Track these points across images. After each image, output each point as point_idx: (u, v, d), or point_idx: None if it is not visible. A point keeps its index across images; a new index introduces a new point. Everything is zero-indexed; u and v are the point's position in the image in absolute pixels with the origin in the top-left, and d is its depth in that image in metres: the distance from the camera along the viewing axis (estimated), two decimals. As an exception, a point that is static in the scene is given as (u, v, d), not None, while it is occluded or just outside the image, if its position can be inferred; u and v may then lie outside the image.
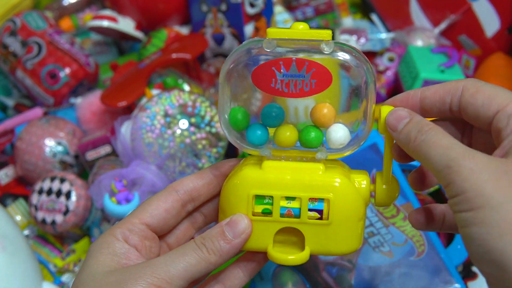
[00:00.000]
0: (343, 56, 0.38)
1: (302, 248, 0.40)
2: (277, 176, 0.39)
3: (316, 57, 0.38)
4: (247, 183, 0.39)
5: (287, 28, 0.39)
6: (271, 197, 0.39)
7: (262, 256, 0.43)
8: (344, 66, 0.39)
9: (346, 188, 0.39)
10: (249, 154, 0.42)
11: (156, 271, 0.37)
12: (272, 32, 0.38)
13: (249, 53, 0.39)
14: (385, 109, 0.39)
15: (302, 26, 0.39)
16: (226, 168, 0.43)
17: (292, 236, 0.41)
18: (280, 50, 0.38)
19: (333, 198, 0.39)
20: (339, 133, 0.40)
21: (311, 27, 0.39)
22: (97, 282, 0.37)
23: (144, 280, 0.36)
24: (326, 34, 0.38)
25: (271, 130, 0.41)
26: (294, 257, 0.39)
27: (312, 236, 0.40)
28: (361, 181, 0.41)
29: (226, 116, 0.40)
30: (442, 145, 0.34)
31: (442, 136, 0.35)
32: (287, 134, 0.40)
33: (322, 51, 0.38)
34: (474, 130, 0.40)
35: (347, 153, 0.40)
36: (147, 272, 0.37)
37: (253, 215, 0.40)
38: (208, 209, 0.45)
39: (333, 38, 0.39)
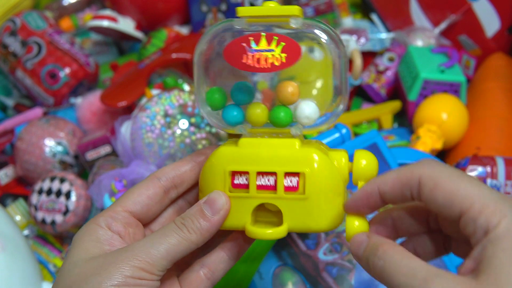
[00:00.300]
0: (311, 31, 0.39)
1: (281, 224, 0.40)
2: (253, 152, 0.40)
3: (285, 32, 0.38)
4: (223, 160, 0.40)
5: (257, 6, 0.39)
6: (246, 173, 0.40)
7: (245, 238, 0.43)
8: (313, 41, 0.39)
9: (323, 162, 0.39)
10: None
11: (138, 253, 0.37)
12: (242, 10, 0.39)
13: (221, 32, 0.40)
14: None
15: (273, 4, 0.39)
16: (208, 154, 0.43)
17: (274, 217, 0.41)
18: (250, 26, 0.39)
19: (309, 172, 0.39)
20: (306, 110, 0.40)
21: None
22: (80, 268, 0.37)
23: (126, 263, 0.36)
24: (295, 9, 0.38)
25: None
26: (271, 231, 0.39)
27: (290, 212, 0.40)
28: (340, 158, 0.40)
29: (203, 96, 0.41)
30: (403, 273, 0.32)
31: (400, 260, 0.33)
32: (258, 111, 0.40)
33: (290, 26, 0.38)
34: None
35: (322, 128, 0.41)
36: (128, 255, 0.37)
37: (230, 191, 0.40)
38: (192, 196, 0.45)
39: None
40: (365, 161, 0.40)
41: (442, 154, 0.77)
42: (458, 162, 0.70)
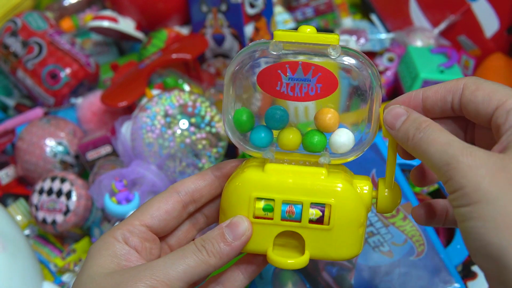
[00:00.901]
0: (348, 61, 0.38)
1: (303, 251, 0.40)
2: (279, 179, 0.39)
3: (322, 61, 0.38)
4: (248, 185, 0.39)
5: (294, 30, 0.39)
6: (273, 200, 0.39)
7: (262, 258, 0.42)
8: (349, 70, 0.38)
9: (348, 194, 0.39)
10: (250, 155, 0.42)
11: (155, 273, 0.37)
12: (278, 35, 0.38)
13: (255, 55, 0.39)
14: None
15: (310, 29, 0.38)
16: (228, 169, 0.43)
17: (293, 239, 0.41)
18: (286, 53, 0.38)
19: (334, 203, 0.39)
20: (342, 137, 0.40)
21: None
22: (96, 284, 0.37)
23: (143, 282, 0.36)
24: (333, 38, 0.38)
25: (275, 133, 0.41)
26: (293, 261, 0.39)
27: (312, 241, 0.39)
28: (363, 186, 0.40)
29: (230, 117, 0.40)
30: (441, 142, 0.34)
31: (440, 133, 0.35)
32: (291, 137, 0.40)
33: (329, 56, 0.38)
34: (476, 128, 0.41)
35: (350, 159, 0.40)
36: (146, 274, 0.37)
37: (254, 217, 0.40)
38: (210, 210, 0.45)
39: None
40: (388, 190, 0.40)
41: (442, 154, 0.77)
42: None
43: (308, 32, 0.38)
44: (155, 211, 0.41)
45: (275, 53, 0.38)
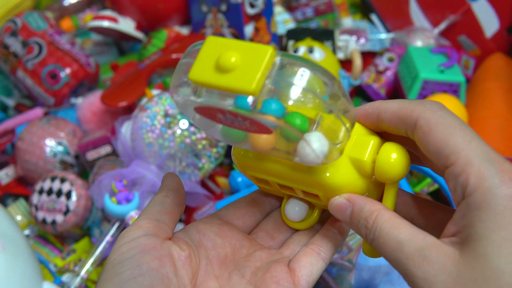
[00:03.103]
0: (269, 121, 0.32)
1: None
2: (272, 167, 0.38)
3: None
4: (244, 165, 0.40)
5: (215, 63, 0.32)
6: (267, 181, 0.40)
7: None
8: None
9: (337, 181, 0.35)
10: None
11: None
12: (194, 74, 0.32)
13: (185, 93, 0.34)
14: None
15: (234, 59, 0.31)
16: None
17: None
18: (205, 98, 0.33)
19: (322, 195, 0.37)
20: (307, 149, 0.34)
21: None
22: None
23: None
24: (250, 87, 0.30)
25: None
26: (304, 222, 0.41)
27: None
28: (364, 149, 0.35)
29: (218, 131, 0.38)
30: (391, 246, 0.32)
31: (389, 232, 0.32)
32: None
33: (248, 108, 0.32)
34: None
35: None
36: None
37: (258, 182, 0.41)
38: None
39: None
40: (396, 155, 0.34)
41: (442, 154, 0.77)
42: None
43: (229, 66, 0.31)
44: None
45: (196, 99, 0.33)
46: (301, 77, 0.32)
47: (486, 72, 0.83)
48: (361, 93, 0.89)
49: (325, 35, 0.84)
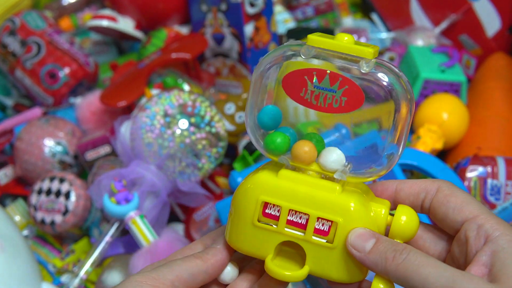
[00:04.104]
0: (381, 78, 0.36)
1: (303, 264, 0.39)
2: (290, 187, 0.38)
3: (351, 74, 0.36)
4: (259, 188, 0.38)
5: (330, 37, 0.37)
6: (280, 206, 0.38)
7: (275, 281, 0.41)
8: (380, 87, 0.36)
9: (359, 215, 0.37)
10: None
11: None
12: (312, 39, 0.37)
13: (285, 56, 0.37)
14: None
15: (347, 38, 0.36)
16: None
17: (298, 250, 0.39)
18: (316, 59, 0.36)
19: (342, 222, 0.37)
20: (332, 156, 0.38)
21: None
22: None
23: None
24: (368, 52, 0.36)
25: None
26: (290, 273, 0.37)
27: (314, 256, 0.38)
28: (380, 210, 0.38)
29: (254, 116, 0.39)
30: (433, 264, 0.33)
31: (425, 257, 0.34)
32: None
33: (360, 69, 0.36)
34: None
35: (370, 178, 0.38)
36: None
37: (259, 220, 0.39)
38: None
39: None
40: (406, 217, 0.37)
41: (443, 154, 0.77)
42: (458, 162, 0.70)
43: (344, 41, 0.36)
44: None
45: (304, 57, 0.37)
46: None
47: (487, 71, 0.83)
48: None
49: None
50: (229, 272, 0.41)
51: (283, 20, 0.92)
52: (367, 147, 0.64)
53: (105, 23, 0.88)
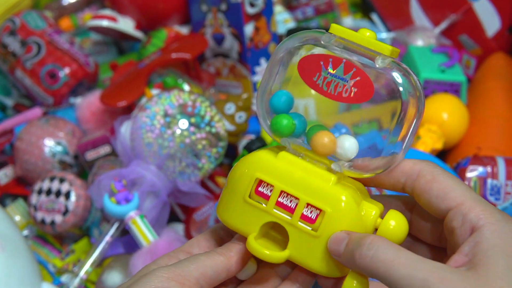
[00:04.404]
0: (394, 76, 0.36)
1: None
2: (286, 169, 0.38)
3: (366, 67, 0.36)
4: (256, 165, 0.39)
5: (352, 30, 0.37)
6: (272, 186, 0.38)
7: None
8: (391, 85, 0.37)
9: (348, 210, 0.37)
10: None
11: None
12: (335, 28, 0.37)
13: (305, 41, 0.38)
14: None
15: (369, 33, 0.37)
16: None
17: (284, 237, 0.39)
18: (335, 47, 0.37)
19: (329, 212, 0.37)
20: (345, 143, 0.38)
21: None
22: None
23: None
24: (387, 49, 0.36)
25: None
26: (269, 253, 0.37)
27: (297, 242, 0.38)
28: (370, 210, 0.38)
29: (266, 98, 0.39)
30: (401, 263, 0.32)
31: (391, 249, 0.33)
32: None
33: (375, 63, 0.36)
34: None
35: (367, 175, 0.38)
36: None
37: (250, 197, 0.39)
38: None
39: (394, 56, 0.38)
40: (395, 222, 0.37)
41: (443, 154, 0.77)
42: (458, 162, 0.70)
43: (366, 36, 0.37)
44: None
45: (324, 43, 0.37)
46: None
47: (487, 71, 0.83)
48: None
49: (325, 35, 0.84)
50: (249, 269, 0.40)
51: (283, 20, 0.92)
52: (367, 148, 0.64)
53: (105, 23, 0.88)
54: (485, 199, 0.36)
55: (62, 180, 0.71)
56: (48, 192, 0.71)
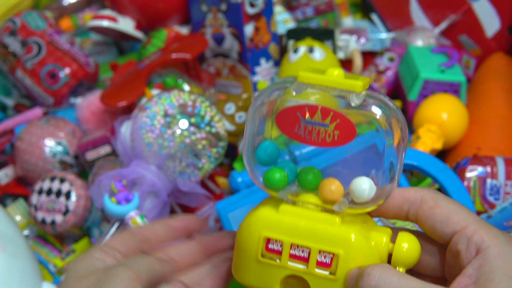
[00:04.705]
0: (373, 111, 0.37)
1: None
2: (291, 222, 0.38)
3: (343, 108, 0.37)
4: (260, 224, 0.39)
5: (320, 72, 0.38)
6: (281, 241, 0.38)
7: None
8: (371, 121, 0.37)
9: (360, 245, 0.37)
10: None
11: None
12: (303, 76, 0.38)
13: (277, 94, 0.38)
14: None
15: (337, 72, 0.37)
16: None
17: (303, 282, 0.39)
18: (308, 94, 0.38)
19: (343, 254, 0.37)
20: (363, 185, 0.38)
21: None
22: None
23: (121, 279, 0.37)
24: (358, 85, 0.36)
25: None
26: None
27: None
28: (381, 238, 0.38)
29: (252, 153, 0.40)
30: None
31: (394, 277, 0.34)
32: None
33: (350, 103, 0.37)
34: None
35: (368, 209, 0.39)
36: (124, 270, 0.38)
37: (263, 256, 0.39)
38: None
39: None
40: (407, 245, 0.38)
41: (442, 154, 0.77)
42: (458, 162, 0.70)
43: (334, 76, 0.37)
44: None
45: (296, 94, 0.38)
46: None
47: (487, 72, 0.83)
48: (361, 93, 0.89)
49: (325, 35, 0.84)
50: None
51: (283, 20, 0.92)
52: (367, 147, 0.64)
53: (105, 23, 0.88)
54: (484, 200, 0.37)
55: (62, 180, 0.71)
56: (49, 192, 0.71)
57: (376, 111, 0.37)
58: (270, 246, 0.39)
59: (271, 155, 0.40)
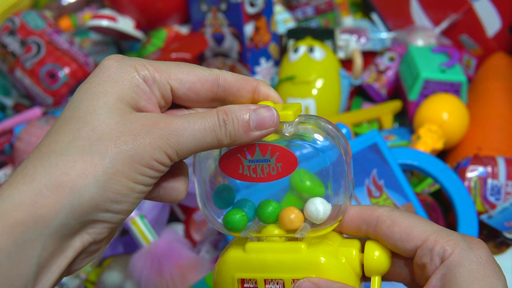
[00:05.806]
0: (311, 134, 0.37)
1: None
2: (259, 258, 0.39)
3: (282, 142, 0.37)
4: (231, 267, 0.39)
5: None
6: (255, 279, 0.39)
7: None
8: (310, 144, 0.37)
9: (330, 266, 0.38)
10: None
11: (170, 138, 0.34)
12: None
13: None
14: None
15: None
16: None
17: None
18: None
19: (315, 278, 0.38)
20: (317, 206, 0.38)
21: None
22: (109, 119, 0.34)
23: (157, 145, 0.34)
24: (288, 115, 0.36)
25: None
26: None
27: None
28: (350, 252, 0.39)
29: (205, 200, 0.40)
30: None
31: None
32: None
33: (284, 133, 0.37)
34: None
35: (326, 230, 0.39)
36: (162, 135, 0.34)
37: None
38: None
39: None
40: (378, 252, 0.38)
41: (443, 154, 0.77)
42: (459, 162, 0.70)
43: None
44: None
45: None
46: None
47: (487, 71, 0.83)
48: (361, 93, 0.89)
49: (325, 35, 0.84)
50: None
51: (283, 20, 0.91)
52: (367, 147, 0.64)
53: (105, 23, 0.87)
54: (485, 200, 0.36)
55: (61, 180, 0.71)
56: (48, 192, 0.70)
57: (313, 134, 0.37)
58: (245, 285, 0.40)
59: (227, 198, 0.41)
